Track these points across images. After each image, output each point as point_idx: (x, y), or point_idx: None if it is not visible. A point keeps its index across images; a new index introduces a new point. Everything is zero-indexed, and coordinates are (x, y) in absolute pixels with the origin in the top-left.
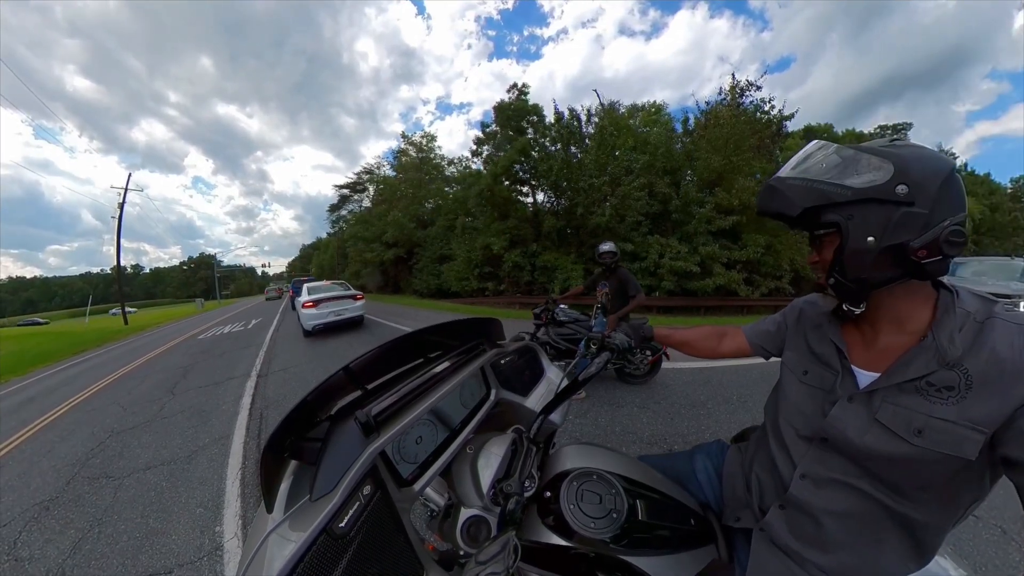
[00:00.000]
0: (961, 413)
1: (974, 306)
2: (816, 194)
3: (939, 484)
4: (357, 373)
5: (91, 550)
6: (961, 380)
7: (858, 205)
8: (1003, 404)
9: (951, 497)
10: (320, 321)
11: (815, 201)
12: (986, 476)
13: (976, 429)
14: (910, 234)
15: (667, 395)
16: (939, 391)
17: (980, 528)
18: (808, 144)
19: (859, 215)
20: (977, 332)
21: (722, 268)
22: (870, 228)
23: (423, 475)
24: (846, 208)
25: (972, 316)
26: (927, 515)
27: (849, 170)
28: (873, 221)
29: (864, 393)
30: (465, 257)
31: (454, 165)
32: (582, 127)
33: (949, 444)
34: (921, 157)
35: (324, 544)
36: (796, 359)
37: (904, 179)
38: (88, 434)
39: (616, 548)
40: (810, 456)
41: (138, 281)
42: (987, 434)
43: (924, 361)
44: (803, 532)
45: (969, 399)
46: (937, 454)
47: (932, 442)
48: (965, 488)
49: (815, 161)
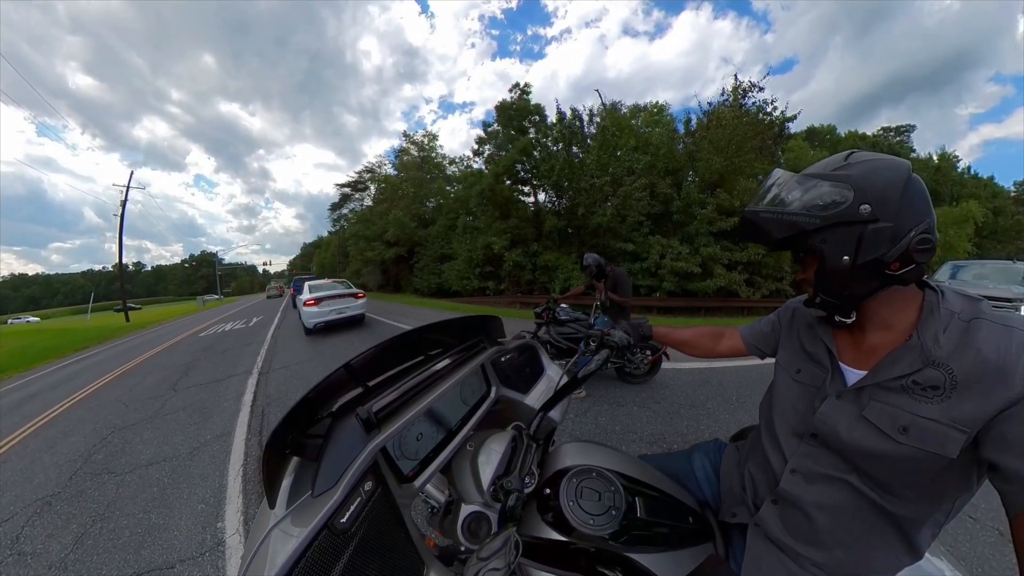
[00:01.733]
0: (945, 412)
1: (959, 306)
2: (788, 225)
3: (924, 481)
4: (358, 370)
5: (93, 545)
6: (946, 380)
7: (828, 229)
8: (986, 405)
9: (936, 494)
10: (321, 319)
11: (788, 231)
12: (972, 474)
13: (958, 428)
14: (881, 248)
15: (667, 394)
16: (924, 390)
17: (977, 529)
18: (772, 174)
19: (831, 239)
20: (963, 332)
21: (723, 269)
22: (843, 249)
23: (424, 471)
24: (818, 234)
25: (957, 316)
26: (914, 511)
27: (812, 198)
28: (844, 242)
29: (852, 390)
30: (466, 256)
31: (455, 164)
32: (584, 127)
33: (933, 442)
34: (876, 171)
35: (326, 539)
36: (789, 358)
37: (864, 199)
38: (91, 430)
39: (615, 545)
40: (801, 451)
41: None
42: (969, 434)
43: (909, 360)
44: (795, 527)
45: (954, 399)
46: (921, 452)
47: (917, 440)
48: (951, 485)
49: (781, 192)
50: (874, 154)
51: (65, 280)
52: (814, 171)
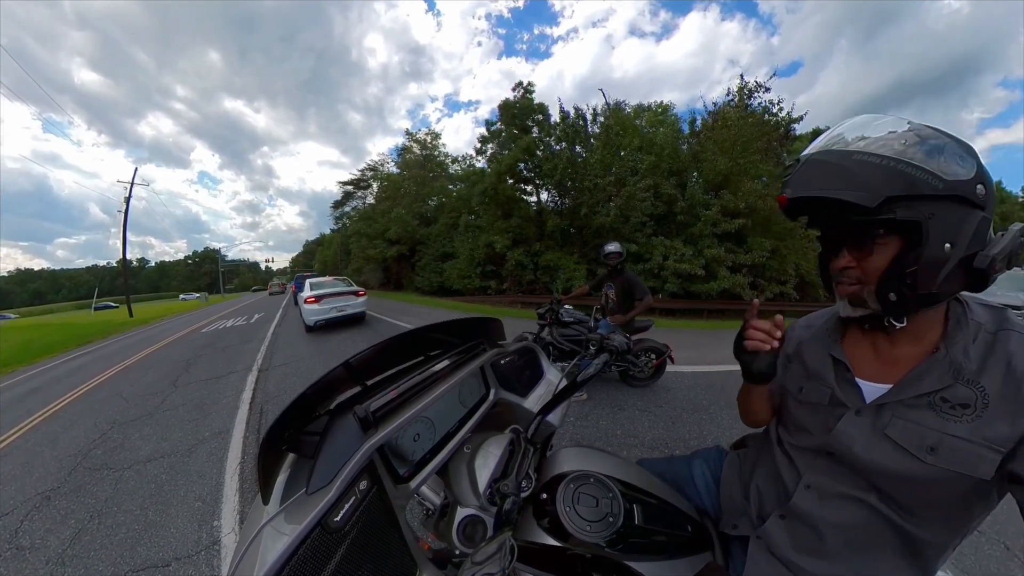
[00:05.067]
0: (977, 431)
1: (984, 317)
2: (903, 180)
3: (948, 502)
4: (357, 369)
5: (90, 541)
6: (978, 398)
7: (943, 202)
8: (1017, 421)
9: (959, 515)
10: (322, 317)
11: (900, 189)
12: (993, 492)
13: (993, 448)
14: (979, 243)
15: (670, 399)
16: (954, 408)
17: (983, 543)
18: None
19: (940, 215)
20: (990, 345)
21: (727, 271)
22: (950, 232)
23: (420, 473)
24: (930, 204)
25: (983, 327)
26: (932, 533)
27: (934, 155)
28: (953, 224)
29: (873, 407)
30: (468, 255)
31: (458, 163)
32: (587, 126)
33: (964, 463)
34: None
35: (318, 538)
36: (792, 379)
37: (983, 178)
38: (91, 425)
39: (612, 552)
40: (817, 468)
41: (144, 274)
42: (1003, 453)
43: (938, 375)
44: (802, 543)
45: (985, 417)
46: (950, 473)
47: (946, 461)
48: (974, 506)
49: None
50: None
51: (70, 275)
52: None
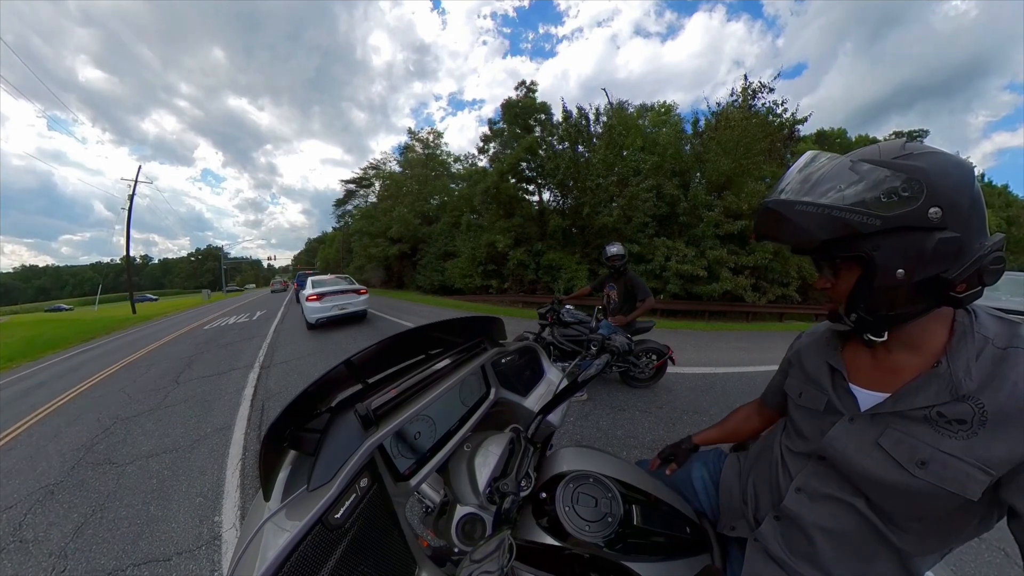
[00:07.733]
0: (969, 450)
1: (994, 330)
2: (838, 224)
3: (934, 518)
4: (358, 367)
5: (93, 535)
6: (975, 414)
7: (888, 234)
8: (1016, 447)
9: (945, 532)
10: (324, 314)
11: (836, 233)
12: (994, 515)
13: (983, 469)
14: (944, 263)
15: (670, 400)
16: (949, 423)
17: (983, 549)
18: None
19: (887, 246)
20: (997, 362)
21: (729, 273)
22: (899, 260)
23: (420, 471)
24: (872, 240)
25: (991, 342)
26: (917, 546)
27: (872, 193)
28: (903, 252)
29: (867, 415)
30: (469, 254)
31: (460, 162)
32: (590, 126)
33: (952, 481)
34: (946, 168)
35: (319, 534)
36: (794, 384)
37: (936, 200)
38: (94, 420)
39: (610, 552)
40: (807, 471)
41: (147, 271)
42: (994, 476)
43: (936, 391)
44: (796, 545)
45: (980, 436)
46: (939, 489)
47: (935, 476)
48: (962, 525)
49: (825, 179)
50: (933, 147)
51: (74, 272)
52: (870, 157)
